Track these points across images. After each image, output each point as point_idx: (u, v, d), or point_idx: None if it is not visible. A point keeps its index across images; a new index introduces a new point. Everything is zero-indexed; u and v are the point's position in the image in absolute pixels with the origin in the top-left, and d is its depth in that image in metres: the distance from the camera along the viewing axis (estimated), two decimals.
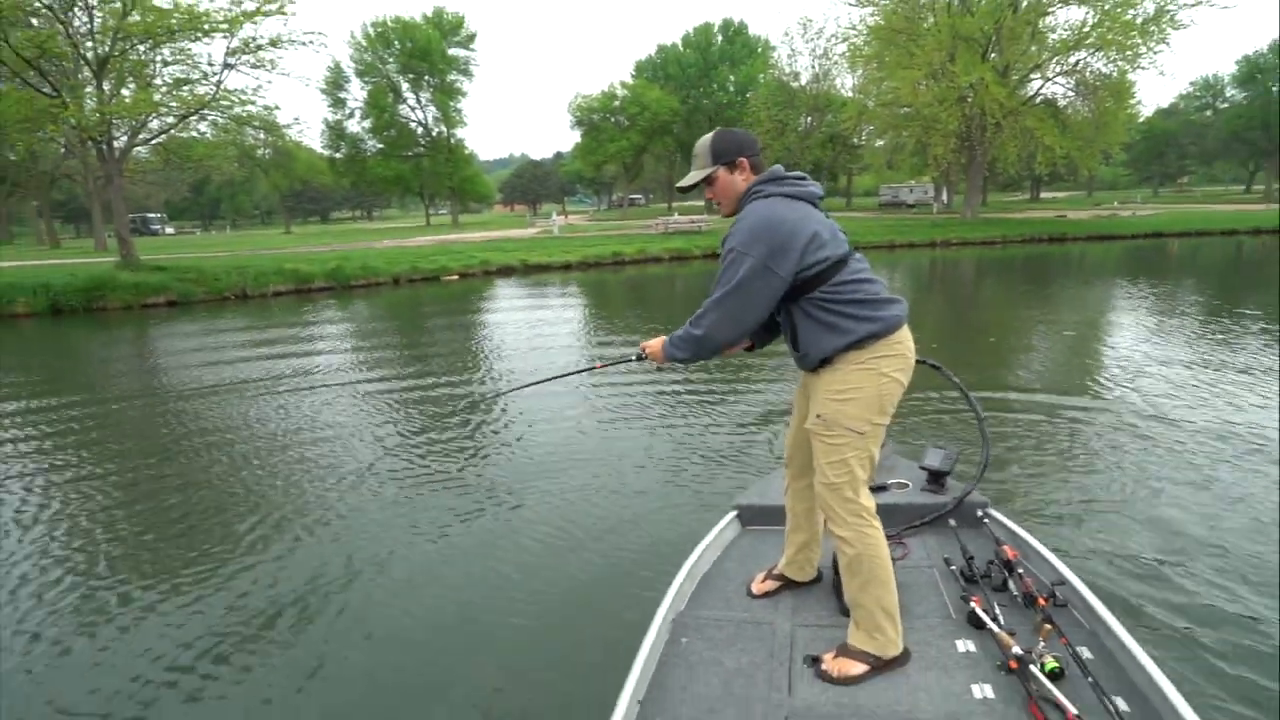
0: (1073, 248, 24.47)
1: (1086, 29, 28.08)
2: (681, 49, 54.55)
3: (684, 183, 2.14)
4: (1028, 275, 17.51)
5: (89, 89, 17.85)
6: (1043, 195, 63.52)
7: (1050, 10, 29.38)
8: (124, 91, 18.62)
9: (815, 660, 1.99)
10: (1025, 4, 29.08)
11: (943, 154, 30.30)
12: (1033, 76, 30.95)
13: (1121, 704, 1.70)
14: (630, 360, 2.26)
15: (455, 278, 19.78)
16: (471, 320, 12.86)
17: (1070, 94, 31.62)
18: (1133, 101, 32.00)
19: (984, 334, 9.61)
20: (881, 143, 37.48)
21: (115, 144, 18.60)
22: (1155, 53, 27.80)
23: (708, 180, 2.05)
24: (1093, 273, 17.32)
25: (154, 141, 20.28)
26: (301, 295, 17.07)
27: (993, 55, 29.60)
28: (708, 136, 2.06)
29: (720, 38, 54.16)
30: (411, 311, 14.53)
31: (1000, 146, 29.81)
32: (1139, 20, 27.32)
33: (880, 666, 1.94)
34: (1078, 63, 29.88)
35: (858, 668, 1.93)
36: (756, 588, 2.40)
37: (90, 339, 12.30)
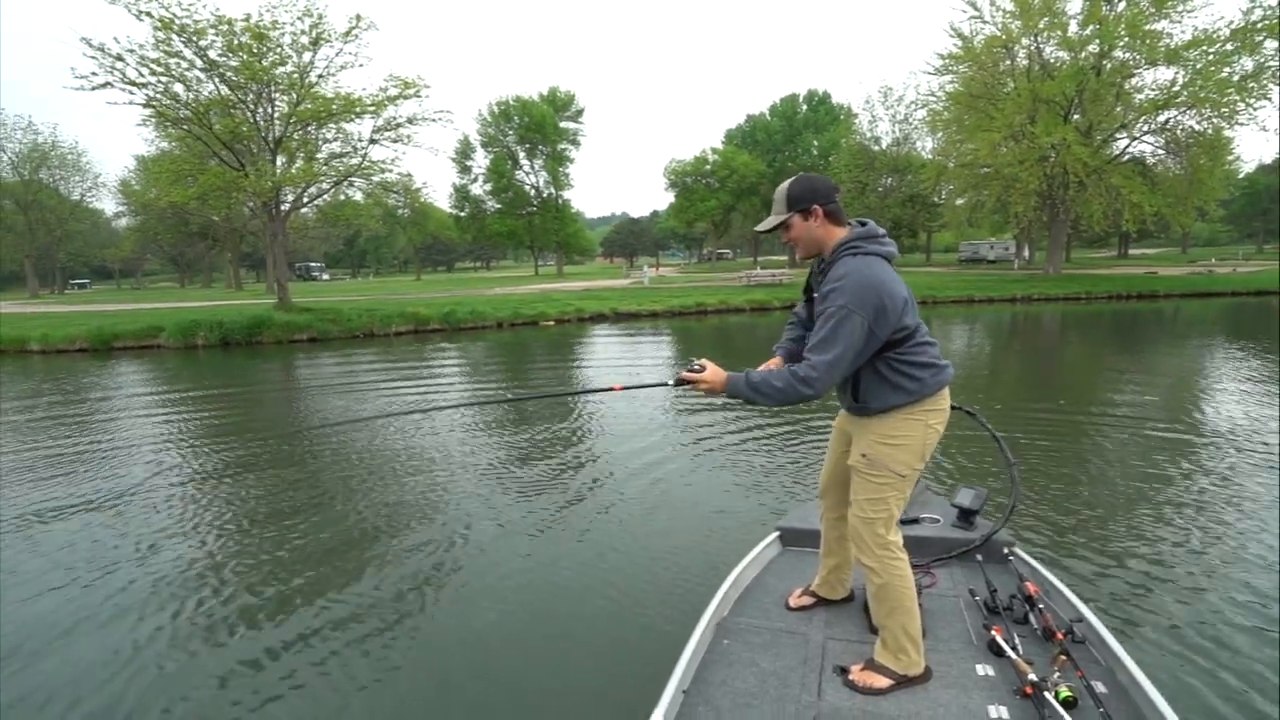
0: (1165, 304, 22.04)
1: (1176, 88, 25.77)
2: (769, 117, 54.77)
3: (760, 227, 2.10)
4: (1113, 331, 15.88)
5: (264, 163, 20.05)
6: (1132, 252, 58.13)
7: (1136, 72, 27.23)
8: (293, 166, 20.76)
9: (844, 670, 2.04)
10: (1109, 67, 27.12)
11: (1024, 212, 28.33)
12: (1118, 135, 28.59)
13: None
14: (665, 385, 2.09)
15: (552, 323, 20.32)
16: (553, 358, 13.11)
17: (1160, 151, 28.96)
18: (1230, 158, 28.94)
19: (1055, 394, 8.69)
20: (961, 201, 35.62)
21: (282, 207, 20.69)
22: (1255, 109, 25.03)
23: (783, 225, 2.01)
24: (1185, 330, 15.45)
25: (313, 204, 22.40)
26: (419, 335, 18.08)
27: (1075, 116, 27.68)
28: (787, 182, 2.01)
29: (805, 106, 54.00)
30: (506, 350, 14.99)
31: (1084, 204, 27.48)
32: (1235, 77, 24.79)
33: (903, 682, 1.97)
34: (1167, 121, 27.36)
35: (882, 681, 1.97)
36: (793, 601, 2.46)
37: (247, 365, 13.47)
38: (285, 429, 7.26)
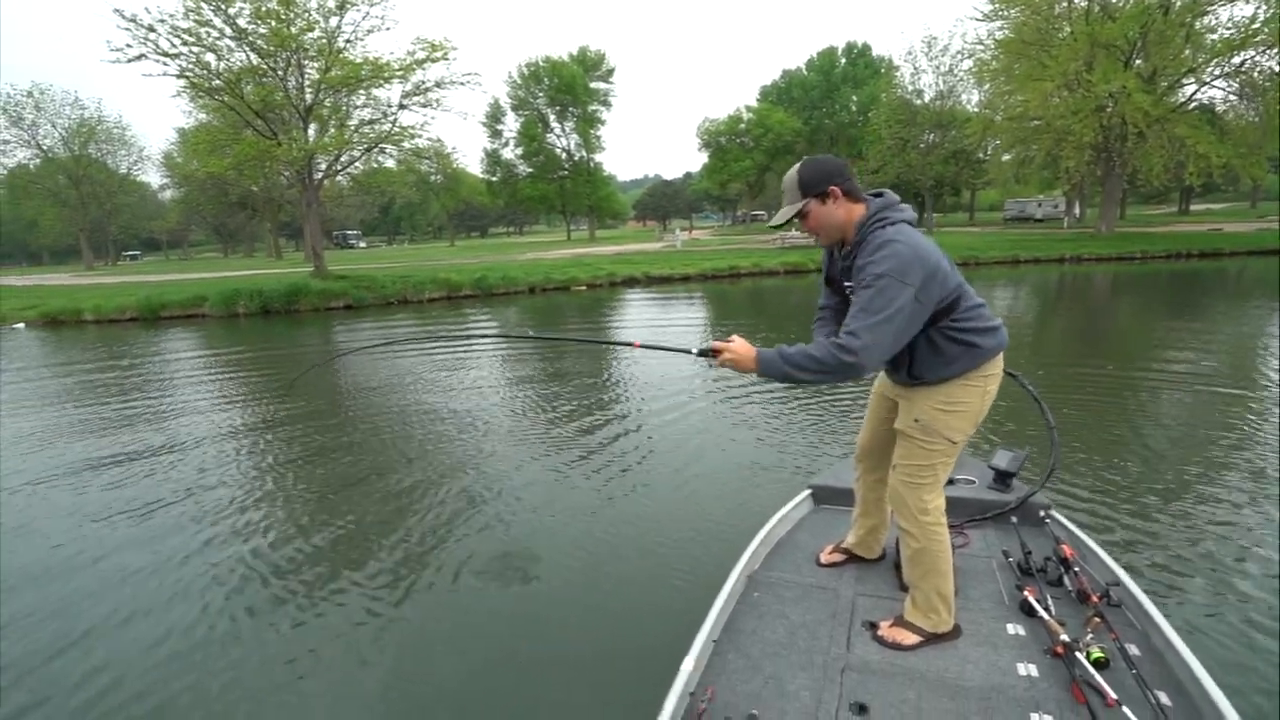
0: (1229, 263, 20.69)
1: (1256, 25, 23.61)
2: (805, 73, 52.68)
3: (775, 221, 1.96)
4: (1169, 292, 15.03)
5: (297, 132, 20.19)
6: (1193, 207, 54.60)
7: (1209, 9, 25.06)
8: (325, 134, 20.86)
9: (873, 625, 2.06)
10: (1179, 4, 25.01)
11: (1075, 167, 26.62)
12: (1185, 81, 26.55)
13: (1164, 698, 1.65)
14: (687, 353, 1.95)
15: (584, 288, 20.26)
16: (584, 321, 13.06)
17: (1233, 97, 26.84)
18: None
19: (1102, 356, 8.29)
20: (1008, 157, 33.79)
21: (316, 175, 20.90)
22: None
23: (800, 214, 1.87)
24: (1249, 290, 14.50)
25: (345, 172, 22.58)
26: (451, 301, 18.27)
27: (1137, 61, 25.77)
28: (794, 169, 1.87)
29: (843, 60, 51.71)
30: (538, 314, 15.02)
31: (1143, 157, 25.69)
32: None
33: (932, 639, 1.97)
34: (1243, 63, 25.21)
35: (911, 638, 1.97)
36: (824, 558, 2.47)
37: (286, 332, 13.83)
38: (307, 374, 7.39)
